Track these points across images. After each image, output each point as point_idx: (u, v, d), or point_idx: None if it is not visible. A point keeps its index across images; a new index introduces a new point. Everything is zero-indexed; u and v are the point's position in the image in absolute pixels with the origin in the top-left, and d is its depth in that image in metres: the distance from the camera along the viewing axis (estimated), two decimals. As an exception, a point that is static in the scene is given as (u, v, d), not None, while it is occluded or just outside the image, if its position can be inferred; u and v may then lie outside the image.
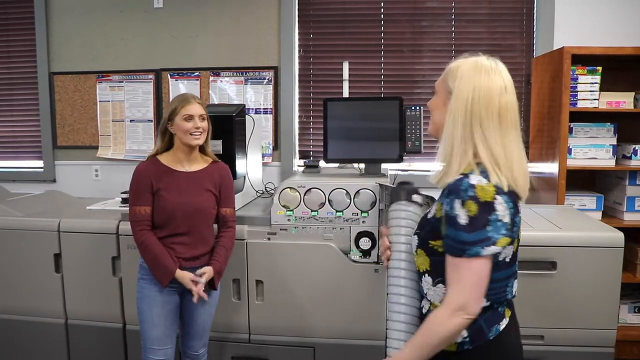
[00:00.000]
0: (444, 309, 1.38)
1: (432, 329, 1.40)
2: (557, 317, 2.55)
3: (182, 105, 2.36)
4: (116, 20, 4.20)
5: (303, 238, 2.69)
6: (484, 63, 1.46)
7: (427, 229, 1.48)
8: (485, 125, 1.42)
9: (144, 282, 2.40)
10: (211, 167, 2.48)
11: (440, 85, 1.54)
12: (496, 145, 1.41)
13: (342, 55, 4.00)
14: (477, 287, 1.37)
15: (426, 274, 1.50)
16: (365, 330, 2.68)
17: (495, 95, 1.42)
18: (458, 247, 1.36)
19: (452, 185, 1.40)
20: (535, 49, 3.85)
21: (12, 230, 2.97)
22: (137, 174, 2.38)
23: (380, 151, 2.79)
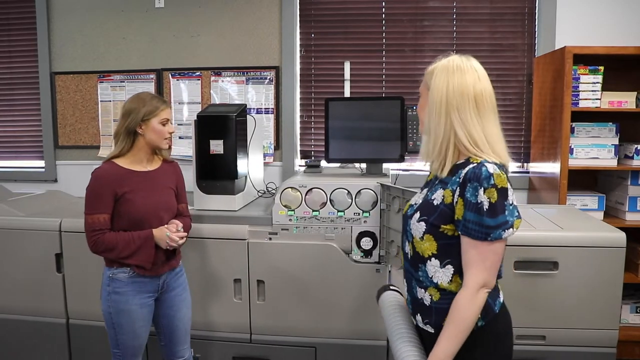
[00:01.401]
0: (468, 290, 1.51)
1: (463, 313, 1.51)
2: (559, 318, 2.54)
3: (161, 108, 2.32)
4: (117, 20, 4.20)
5: (304, 238, 2.69)
6: (456, 61, 1.61)
7: (436, 215, 1.58)
8: (462, 110, 1.56)
9: (118, 297, 2.28)
10: (165, 165, 2.46)
11: (422, 87, 1.70)
12: (474, 129, 1.56)
13: (343, 55, 3.99)
14: (496, 265, 1.54)
15: (432, 257, 1.60)
16: (366, 330, 2.68)
17: (469, 85, 1.57)
18: (482, 231, 1.48)
19: (470, 174, 1.50)
20: (537, 48, 3.84)
21: (14, 230, 2.97)
22: (97, 180, 2.26)
23: (382, 151, 2.79)
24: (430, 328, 1.64)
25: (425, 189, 1.76)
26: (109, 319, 2.32)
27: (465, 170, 1.53)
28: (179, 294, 2.45)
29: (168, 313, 2.43)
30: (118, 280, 2.29)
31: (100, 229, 2.23)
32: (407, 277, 1.77)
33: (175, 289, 2.44)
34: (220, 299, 2.69)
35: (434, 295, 1.62)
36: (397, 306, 1.86)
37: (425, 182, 1.82)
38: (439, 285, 1.60)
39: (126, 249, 2.23)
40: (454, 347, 1.52)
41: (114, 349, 2.36)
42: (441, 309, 1.60)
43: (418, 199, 1.75)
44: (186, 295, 2.50)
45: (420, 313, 1.68)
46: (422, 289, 1.65)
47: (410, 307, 1.75)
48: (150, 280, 2.33)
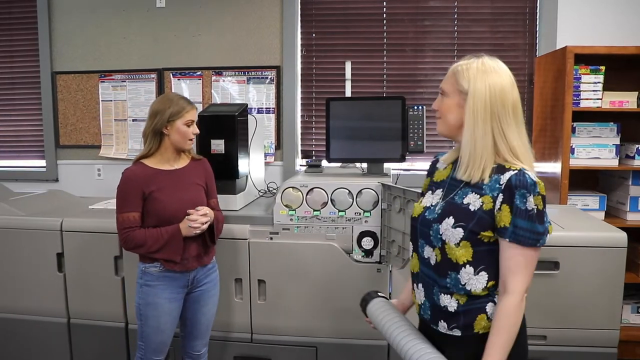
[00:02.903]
0: (514, 297, 1.49)
1: (512, 321, 1.50)
2: (560, 318, 2.53)
3: (187, 109, 2.36)
4: (119, 20, 4.21)
5: (305, 237, 2.69)
6: (490, 63, 1.57)
7: (475, 221, 1.53)
8: (503, 120, 1.52)
9: (149, 289, 2.35)
10: (193, 163, 2.49)
11: (452, 87, 1.60)
12: (514, 139, 1.53)
13: (344, 55, 4.00)
14: (533, 270, 1.54)
15: (467, 265, 1.56)
16: (367, 330, 2.61)
17: (508, 91, 1.54)
18: (533, 238, 1.48)
19: (515, 180, 1.48)
20: (538, 48, 3.84)
21: (15, 230, 2.97)
22: (126, 180, 2.33)
23: (383, 151, 2.79)
24: (457, 332, 1.60)
25: (439, 189, 1.70)
26: (137, 310, 2.39)
27: (505, 177, 1.51)
28: (207, 290, 2.47)
29: (193, 307, 2.46)
30: (149, 274, 2.35)
31: (130, 226, 2.29)
32: (425, 282, 1.69)
33: (206, 285, 2.46)
34: (221, 299, 2.68)
35: (461, 299, 1.58)
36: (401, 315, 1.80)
37: (432, 182, 1.76)
38: (472, 292, 1.56)
39: (155, 244, 2.28)
40: (505, 354, 1.50)
41: (139, 341, 2.41)
42: (469, 311, 1.58)
43: (432, 200, 1.69)
44: (215, 292, 2.51)
45: (443, 319, 1.62)
46: (448, 295, 1.60)
47: (429, 314, 1.68)
48: (181, 275, 2.37)
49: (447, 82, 1.63)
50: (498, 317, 1.50)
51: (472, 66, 1.56)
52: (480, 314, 1.57)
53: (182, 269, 2.36)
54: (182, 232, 2.29)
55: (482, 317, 1.56)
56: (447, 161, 1.73)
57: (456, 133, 1.62)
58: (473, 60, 1.58)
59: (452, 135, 1.65)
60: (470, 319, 1.57)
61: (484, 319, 1.56)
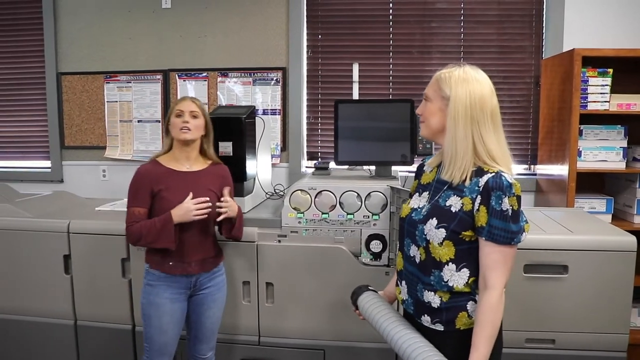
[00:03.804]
0: (494, 292, 1.59)
1: (494, 315, 1.60)
2: (569, 321, 2.53)
3: (176, 103, 2.43)
4: (124, 21, 4.20)
5: (313, 240, 2.68)
6: (471, 72, 1.67)
7: (456, 222, 1.65)
8: (482, 125, 1.63)
9: (151, 288, 2.39)
10: (212, 168, 2.49)
11: (435, 93, 1.71)
12: (491, 143, 1.64)
13: (350, 56, 3.99)
14: (512, 267, 1.64)
15: (449, 262, 1.67)
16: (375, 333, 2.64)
17: (487, 98, 1.65)
18: (508, 237, 1.59)
19: (492, 183, 1.59)
20: (544, 50, 3.83)
21: (22, 232, 2.97)
22: (136, 176, 2.41)
23: (391, 153, 2.78)
24: (440, 327, 1.72)
25: (425, 192, 1.81)
26: (142, 310, 2.42)
27: (483, 179, 1.62)
28: (211, 293, 2.47)
29: (197, 310, 2.46)
30: (152, 274, 2.40)
31: (134, 221, 2.34)
32: (409, 280, 1.82)
33: (209, 288, 2.46)
34: (228, 301, 2.67)
35: (444, 296, 1.70)
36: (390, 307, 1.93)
37: (419, 185, 1.89)
38: (454, 288, 1.68)
39: (150, 234, 2.30)
40: (491, 346, 1.60)
41: (144, 343, 2.43)
42: (451, 308, 1.69)
43: (419, 202, 1.81)
44: (219, 295, 2.51)
45: (427, 314, 1.74)
46: (432, 292, 1.72)
47: (412, 309, 1.80)
48: (181, 277, 2.38)
49: (430, 88, 1.74)
50: (481, 311, 1.61)
51: (454, 74, 1.67)
52: (462, 311, 1.68)
53: (182, 272, 2.36)
54: (173, 219, 2.28)
55: (463, 315, 1.68)
56: (432, 164, 1.85)
57: (438, 136, 1.74)
58: (455, 68, 1.69)
59: (434, 138, 1.77)
60: (452, 316, 1.69)
61: (465, 316, 1.68)
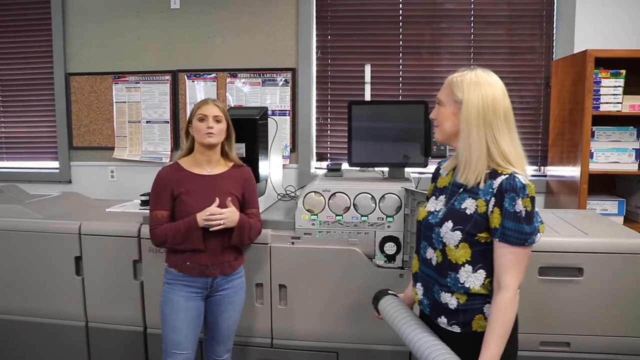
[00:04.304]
0: (508, 293, 1.60)
1: (507, 315, 1.60)
2: (584, 324, 2.51)
3: (198, 106, 2.41)
4: (133, 21, 4.19)
5: (327, 242, 2.67)
6: (483, 75, 1.69)
7: (471, 224, 1.66)
8: (495, 127, 1.65)
9: (169, 287, 2.39)
10: (233, 170, 2.47)
11: (447, 97, 1.73)
12: (505, 144, 1.65)
13: (360, 57, 3.98)
14: (526, 267, 1.64)
15: (466, 264, 1.68)
16: (389, 336, 2.61)
17: (499, 100, 1.66)
18: (521, 238, 1.59)
19: (506, 184, 1.60)
20: (555, 51, 3.82)
21: (33, 233, 2.96)
22: (157, 179, 2.40)
23: (405, 155, 2.77)
24: (457, 328, 1.72)
25: (442, 195, 1.83)
26: (160, 309, 2.43)
27: (497, 181, 1.63)
28: (229, 295, 2.45)
29: (214, 311, 2.45)
30: (170, 273, 2.40)
31: (157, 224, 2.35)
32: (425, 282, 1.83)
33: (227, 290, 2.44)
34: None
35: (461, 298, 1.70)
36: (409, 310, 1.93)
37: (436, 188, 1.90)
38: (470, 289, 1.69)
39: (176, 237, 2.31)
40: (502, 346, 1.60)
41: (162, 342, 2.42)
42: (468, 310, 1.70)
43: (436, 205, 1.82)
44: (237, 298, 2.49)
45: (444, 315, 1.75)
46: (449, 294, 1.72)
47: (429, 310, 1.81)
48: (199, 278, 2.37)
49: (443, 92, 1.76)
50: (493, 310, 1.62)
51: (466, 77, 1.69)
52: (478, 314, 1.69)
53: (199, 274, 2.36)
54: (198, 223, 2.29)
55: (479, 317, 1.69)
56: (448, 168, 1.86)
57: (452, 140, 1.75)
58: (467, 71, 1.71)
59: (449, 142, 1.78)
60: (469, 318, 1.70)
61: (482, 319, 1.69)
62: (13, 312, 3.04)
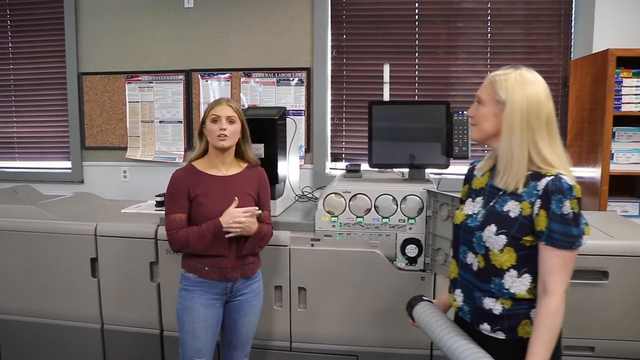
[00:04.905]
0: (557, 297, 1.54)
1: (554, 321, 1.55)
2: (609, 328, 2.47)
3: (211, 106, 2.34)
4: (146, 20, 4.16)
5: (348, 245, 2.63)
6: (528, 75, 1.63)
7: (516, 227, 1.60)
8: (537, 132, 1.58)
9: (186, 293, 2.34)
10: (248, 170, 2.43)
11: (489, 97, 1.67)
12: (546, 151, 1.58)
13: (375, 57, 3.95)
14: (572, 271, 1.59)
15: (511, 269, 1.62)
16: (410, 339, 2.62)
17: (543, 104, 1.60)
18: (569, 241, 1.54)
19: (552, 186, 1.54)
20: (573, 50, 3.77)
21: (48, 234, 2.94)
22: (172, 181, 2.34)
23: (427, 156, 2.73)
24: (501, 335, 1.66)
25: (479, 197, 1.77)
26: (176, 315, 2.38)
27: (542, 183, 1.57)
28: (247, 300, 2.40)
29: (232, 316, 2.41)
30: (187, 279, 2.34)
31: (175, 228, 2.28)
32: (465, 288, 1.76)
33: (245, 294, 2.39)
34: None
35: (506, 303, 1.64)
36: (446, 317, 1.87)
37: (471, 190, 1.83)
38: (516, 295, 1.62)
39: (200, 243, 2.25)
40: (549, 354, 1.55)
41: (179, 348, 2.39)
42: (514, 315, 1.64)
43: (474, 208, 1.76)
44: (256, 302, 2.44)
45: (486, 322, 1.68)
46: (492, 299, 1.66)
47: (469, 317, 1.74)
48: (219, 283, 2.32)
49: (484, 90, 1.69)
50: (539, 316, 1.56)
51: (510, 77, 1.62)
52: (525, 319, 1.63)
53: (220, 278, 2.31)
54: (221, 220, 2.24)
55: (526, 322, 1.63)
56: (484, 169, 1.80)
57: (490, 141, 1.70)
58: (511, 70, 1.64)
59: (486, 142, 1.73)
60: (514, 323, 1.64)
61: (528, 324, 1.62)
62: (28, 313, 3.02)
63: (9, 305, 3.05)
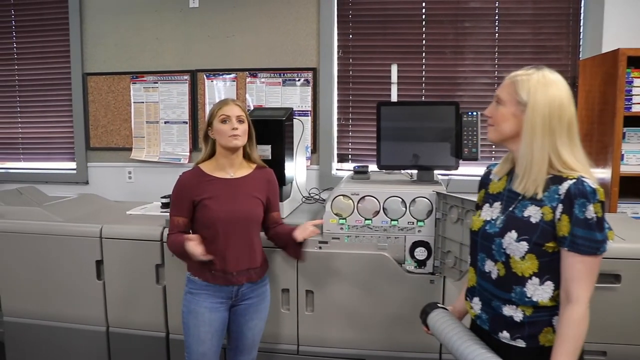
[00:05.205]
0: (582, 305, 1.49)
1: (580, 330, 1.50)
2: (621, 333, 2.44)
3: (219, 107, 2.31)
4: (151, 20, 4.13)
5: (356, 247, 2.60)
6: (550, 76, 1.57)
7: (538, 233, 1.54)
8: (558, 136, 1.53)
9: (191, 297, 2.31)
10: (256, 172, 2.40)
11: (509, 97, 1.61)
12: (567, 156, 1.53)
13: (382, 57, 3.91)
14: (596, 278, 1.53)
15: (533, 276, 1.57)
16: (418, 342, 2.59)
17: (566, 107, 1.54)
18: (593, 246, 1.48)
19: (574, 190, 1.48)
20: (582, 50, 3.73)
21: (53, 236, 2.92)
22: (178, 184, 2.33)
23: (435, 158, 2.70)
24: (521, 343, 1.60)
25: (497, 202, 1.70)
26: (182, 318, 2.35)
27: (564, 187, 1.51)
28: (254, 304, 2.37)
29: (239, 320, 2.38)
30: (193, 282, 2.32)
31: (173, 231, 2.29)
32: (483, 296, 1.71)
33: (252, 299, 2.36)
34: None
35: (527, 310, 1.59)
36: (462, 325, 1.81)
37: (488, 194, 1.77)
38: (539, 303, 1.57)
39: (180, 253, 2.25)
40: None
41: (185, 352, 2.36)
42: (535, 322, 1.59)
43: (491, 214, 1.70)
44: (262, 306, 2.42)
45: (506, 330, 1.63)
46: (513, 306, 1.61)
47: (488, 325, 1.69)
48: (225, 287, 2.29)
49: (504, 90, 1.63)
50: (563, 325, 1.50)
51: (533, 77, 1.57)
52: (547, 326, 1.58)
53: (225, 283, 2.28)
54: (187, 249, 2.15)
55: (548, 330, 1.57)
56: (501, 173, 1.75)
57: (508, 142, 1.64)
58: (533, 71, 1.58)
59: (503, 143, 1.67)
60: (536, 331, 1.58)
61: (550, 331, 1.57)
62: (33, 316, 3.00)
63: (14, 307, 3.03)
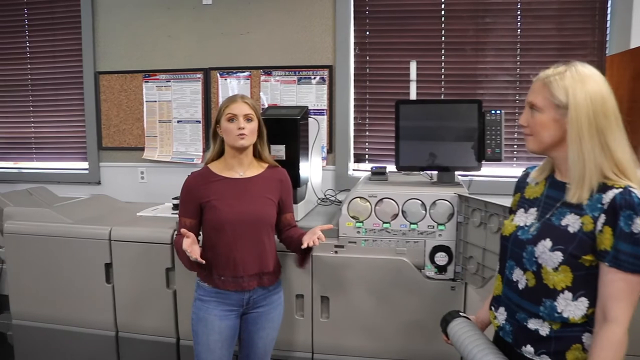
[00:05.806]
0: (622, 326, 1.36)
1: (616, 353, 1.37)
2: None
3: (226, 104, 2.22)
4: (164, 18, 4.05)
5: (373, 252, 2.50)
6: (584, 70, 1.45)
7: (575, 244, 1.42)
8: (608, 132, 1.40)
9: (201, 304, 2.23)
10: (268, 172, 2.30)
11: (545, 102, 1.47)
12: (619, 151, 1.41)
13: (400, 54, 3.79)
14: (638, 297, 1.40)
15: (565, 290, 1.45)
16: (438, 353, 2.47)
17: (608, 100, 1.42)
18: (638, 264, 1.35)
19: (620, 200, 1.36)
20: (609, 46, 3.58)
21: (62, 238, 2.86)
22: (185, 185, 2.26)
23: (456, 158, 2.57)
24: (546, 359, 1.49)
25: (533, 208, 1.59)
26: (191, 325, 2.27)
27: (608, 196, 1.39)
28: (266, 313, 2.28)
29: (250, 329, 2.28)
30: (202, 288, 2.25)
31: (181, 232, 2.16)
32: (508, 307, 1.61)
33: (264, 307, 2.27)
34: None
35: (554, 325, 1.48)
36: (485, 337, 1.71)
37: (523, 199, 1.65)
38: (569, 320, 1.45)
39: (180, 255, 2.18)
40: None
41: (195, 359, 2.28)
42: (563, 337, 1.47)
43: (526, 219, 1.59)
44: (275, 315, 2.31)
45: (530, 344, 1.51)
46: (540, 320, 1.50)
47: (511, 338, 1.58)
48: (234, 294, 2.20)
49: (537, 95, 1.49)
50: (600, 348, 1.37)
51: (567, 75, 1.44)
52: (576, 343, 1.45)
53: (235, 288, 2.19)
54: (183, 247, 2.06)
55: (577, 347, 1.45)
56: (539, 178, 1.63)
57: (551, 150, 1.52)
58: (564, 68, 1.46)
59: (545, 153, 1.54)
60: (563, 347, 1.46)
61: (579, 349, 1.45)
62: (41, 319, 2.96)
63: (22, 310, 2.98)
